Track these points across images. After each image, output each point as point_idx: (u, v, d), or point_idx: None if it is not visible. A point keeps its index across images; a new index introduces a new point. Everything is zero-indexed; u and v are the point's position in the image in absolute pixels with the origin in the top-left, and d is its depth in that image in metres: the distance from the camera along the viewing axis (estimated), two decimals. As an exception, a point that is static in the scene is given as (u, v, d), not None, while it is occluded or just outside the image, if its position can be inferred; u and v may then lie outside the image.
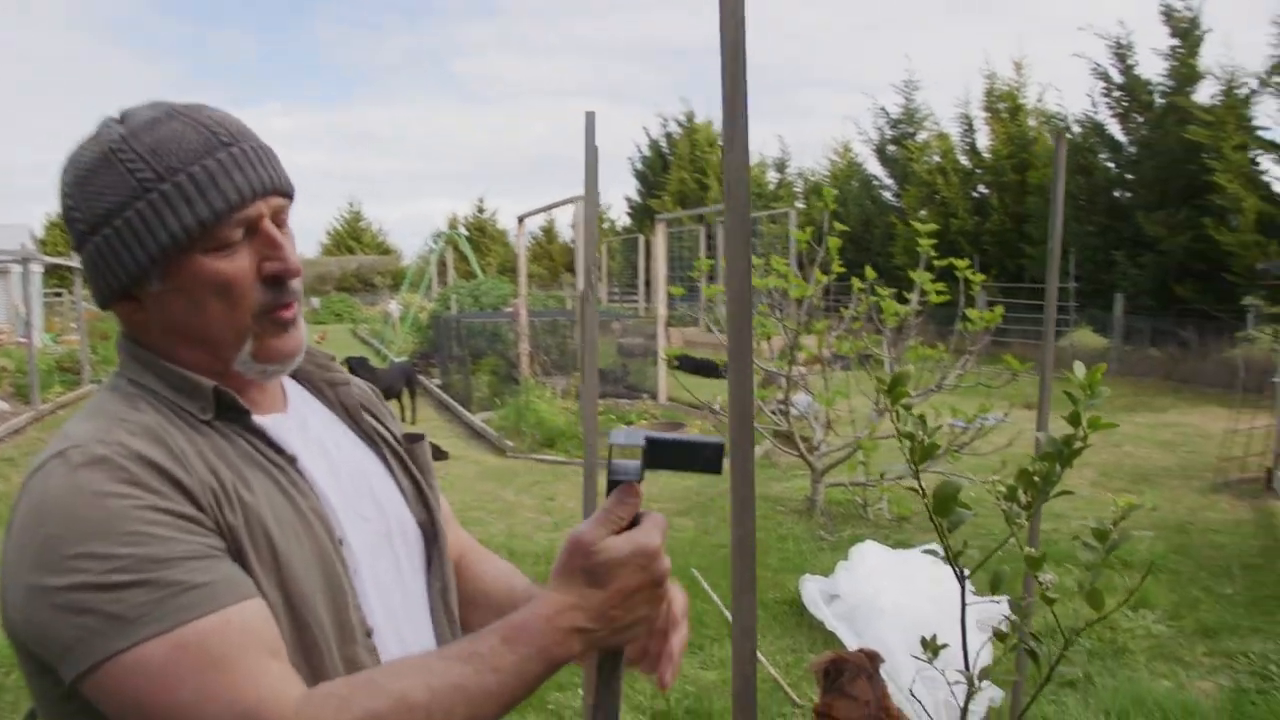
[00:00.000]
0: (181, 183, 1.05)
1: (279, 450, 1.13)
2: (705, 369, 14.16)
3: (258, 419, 1.14)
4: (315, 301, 34.58)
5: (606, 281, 30.04)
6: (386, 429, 1.34)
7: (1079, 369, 2.39)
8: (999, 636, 2.44)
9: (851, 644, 4.66)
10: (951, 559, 2.49)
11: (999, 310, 6.78)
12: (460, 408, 12.78)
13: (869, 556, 5.29)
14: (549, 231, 42.68)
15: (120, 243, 1.07)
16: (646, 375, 13.74)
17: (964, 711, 2.60)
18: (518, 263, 13.54)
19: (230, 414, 1.12)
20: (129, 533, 0.96)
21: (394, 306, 23.11)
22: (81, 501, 0.96)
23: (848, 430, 7.61)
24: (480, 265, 25.65)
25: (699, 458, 1.11)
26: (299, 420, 1.22)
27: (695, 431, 10.45)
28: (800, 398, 7.84)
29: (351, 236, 47.75)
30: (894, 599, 4.78)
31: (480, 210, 44.98)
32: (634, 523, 1.06)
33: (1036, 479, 2.43)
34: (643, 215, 33.25)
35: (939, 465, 6.51)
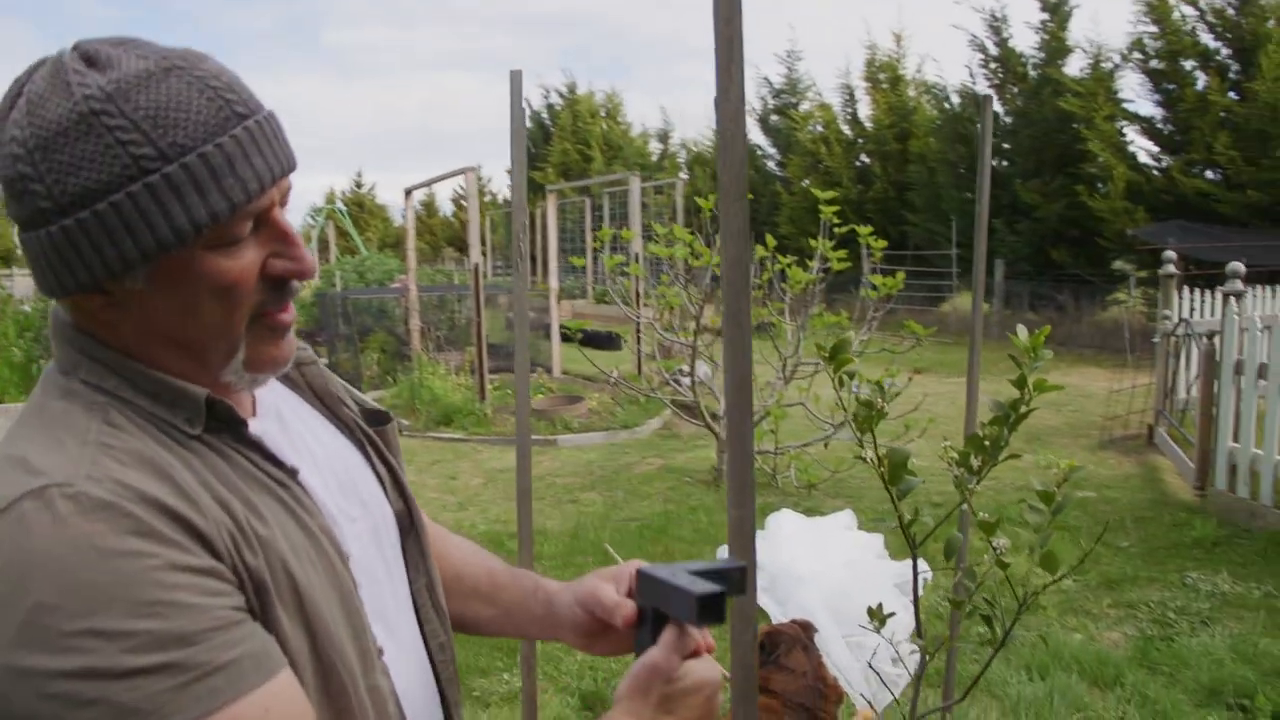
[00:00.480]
0: (192, 166, 0.86)
1: (279, 464, 0.97)
2: (605, 341, 14.07)
3: (253, 428, 0.98)
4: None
5: (490, 256, 29.61)
6: (348, 408, 1.20)
7: (1022, 333, 2.37)
8: (955, 604, 2.42)
9: (774, 614, 4.65)
10: (903, 527, 2.46)
11: (900, 276, 6.85)
12: (350, 387, 12.36)
13: (785, 525, 5.28)
14: (429, 206, 41.83)
15: (103, 231, 0.86)
16: (539, 349, 13.58)
17: (918, 677, 2.57)
18: (406, 237, 13.19)
19: (220, 426, 0.95)
20: (147, 602, 0.79)
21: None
22: (82, 561, 0.78)
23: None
24: (362, 241, 25.02)
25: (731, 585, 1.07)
26: (275, 416, 1.06)
27: (594, 404, 10.36)
28: (702, 367, 7.81)
29: (223, 214, 45.91)
30: (812, 566, 4.78)
31: (358, 185, 43.80)
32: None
33: (987, 443, 2.41)
34: (527, 188, 32.81)
35: (844, 432, 6.55)
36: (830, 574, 4.72)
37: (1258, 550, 5.55)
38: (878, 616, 2.52)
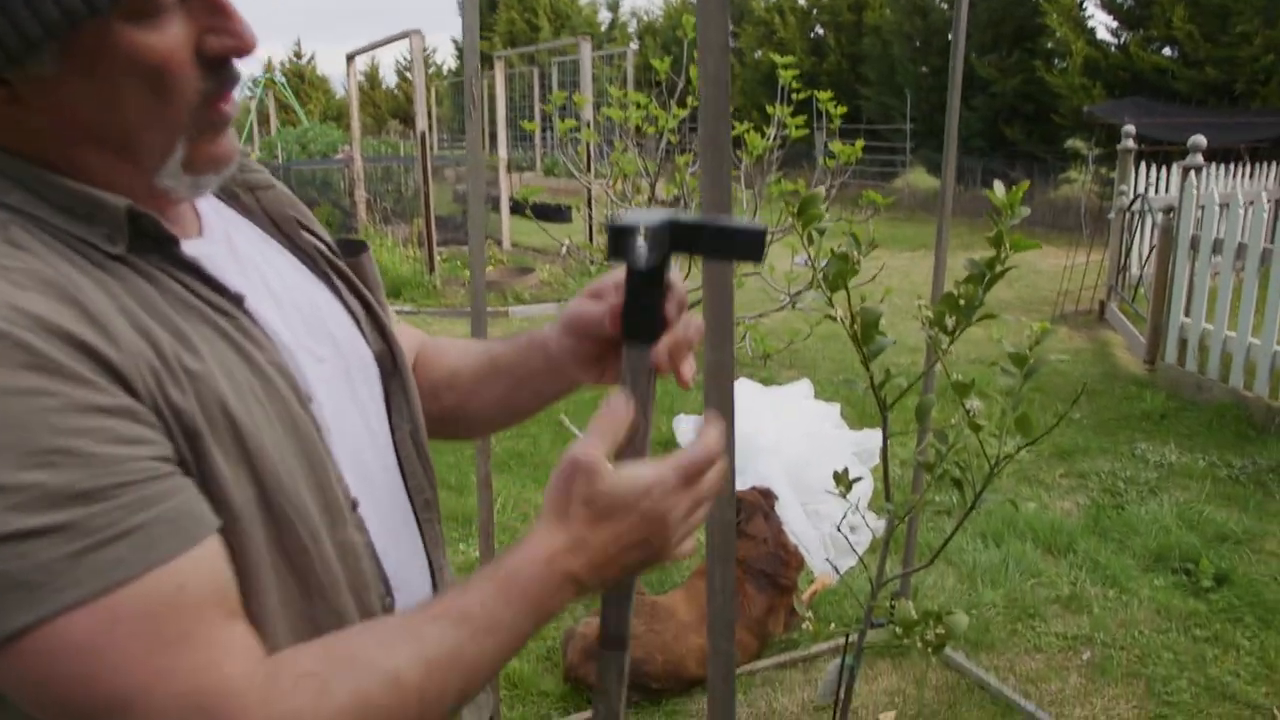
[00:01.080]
0: None
1: (221, 289, 0.83)
2: (554, 214, 13.80)
3: (187, 247, 0.83)
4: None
5: (436, 129, 28.81)
6: (320, 239, 1.04)
7: (999, 189, 2.24)
8: (927, 468, 2.34)
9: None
10: (875, 388, 2.36)
11: (860, 144, 6.66)
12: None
13: (742, 394, 5.21)
14: (373, 78, 40.46)
15: None
16: (489, 221, 13.29)
17: (886, 541, 2.51)
18: (350, 105, 12.68)
19: (148, 245, 0.79)
20: (41, 450, 0.65)
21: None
22: None
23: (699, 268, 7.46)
24: (305, 114, 24.19)
25: (736, 245, 0.87)
26: (225, 242, 0.91)
27: (545, 276, 10.17)
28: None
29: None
30: (772, 437, 4.73)
31: (298, 55, 42.16)
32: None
33: (962, 302, 2.31)
34: (478, 48, 31.83)
35: (802, 300, 6.47)
36: (789, 444, 4.67)
37: (1204, 422, 5.60)
38: (844, 481, 2.44)
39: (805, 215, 2.32)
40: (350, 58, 12.13)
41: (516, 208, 11.45)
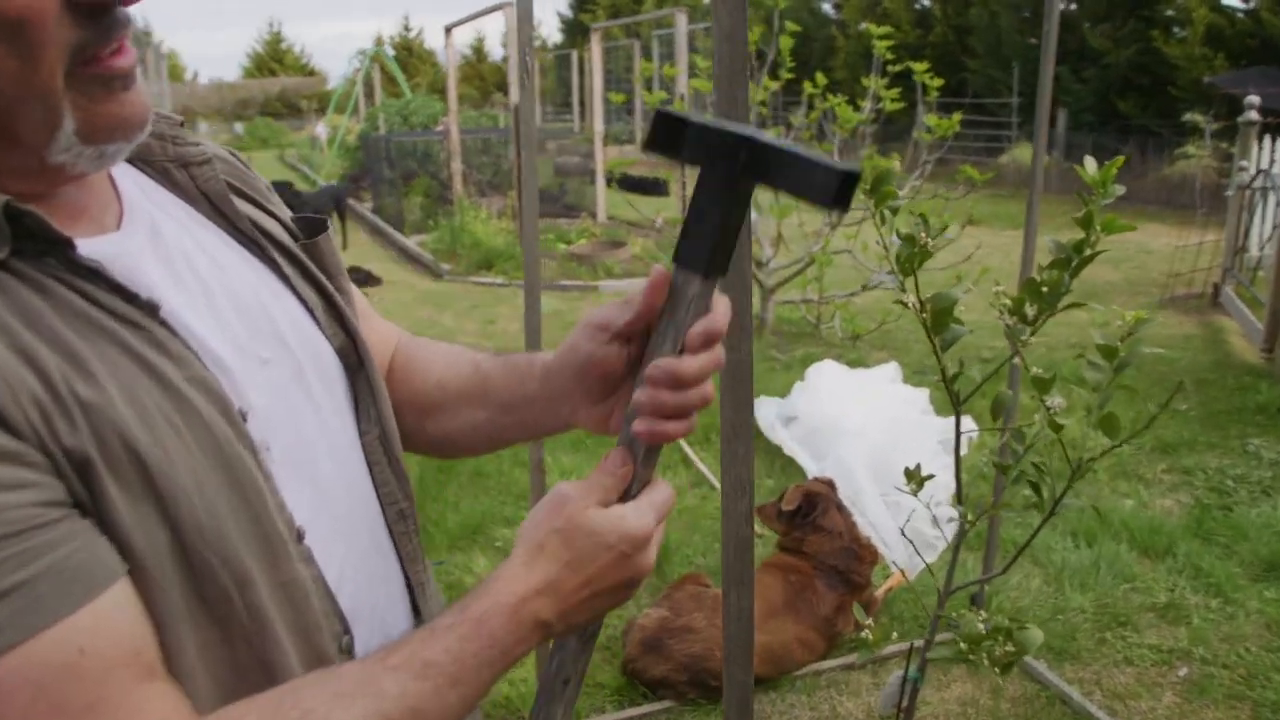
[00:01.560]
0: None
1: (130, 297, 0.71)
2: (647, 186, 13.65)
3: (86, 247, 0.70)
4: (238, 127, 33.11)
5: (539, 101, 28.84)
6: (272, 216, 0.91)
7: (1090, 164, 2.02)
8: (1001, 469, 2.15)
9: (810, 468, 4.42)
10: (947, 381, 2.17)
11: (956, 116, 6.36)
12: (393, 231, 12.20)
13: (826, 376, 5.01)
14: (479, 51, 40.81)
15: None
16: (584, 194, 13.20)
17: (955, 548, 2.32)
18: (448, 77, 12.70)
19: (37, 248, 0.67)
20: None
21: (321, 130, 22.19)
22: None
23: (796, 247, 7.24)
24: (409, 86, 24.42)
25: (811, 182, 0.69)
26: (146, 227, 0.78)
27: (638, 250, 10.03)
28: (751, 212, 7.43)
29: (273, 59, 45.60)
30: (855, 420, 4.52)
31: (406, 29, 42.86)
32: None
33: (1045, 289, 2.09)
34: (575, 31, 31.80)
35: (891, 280, 6.21)
36: (873, 429, 4.46)
37: (1326, 416, 5.20)
38: (915, 478, 2.26)
39: (878, 194, 2.13)
40: (448, 30, 12.13)
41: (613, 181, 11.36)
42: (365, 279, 9.33)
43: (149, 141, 0.81)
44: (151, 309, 0.71)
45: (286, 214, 0.94)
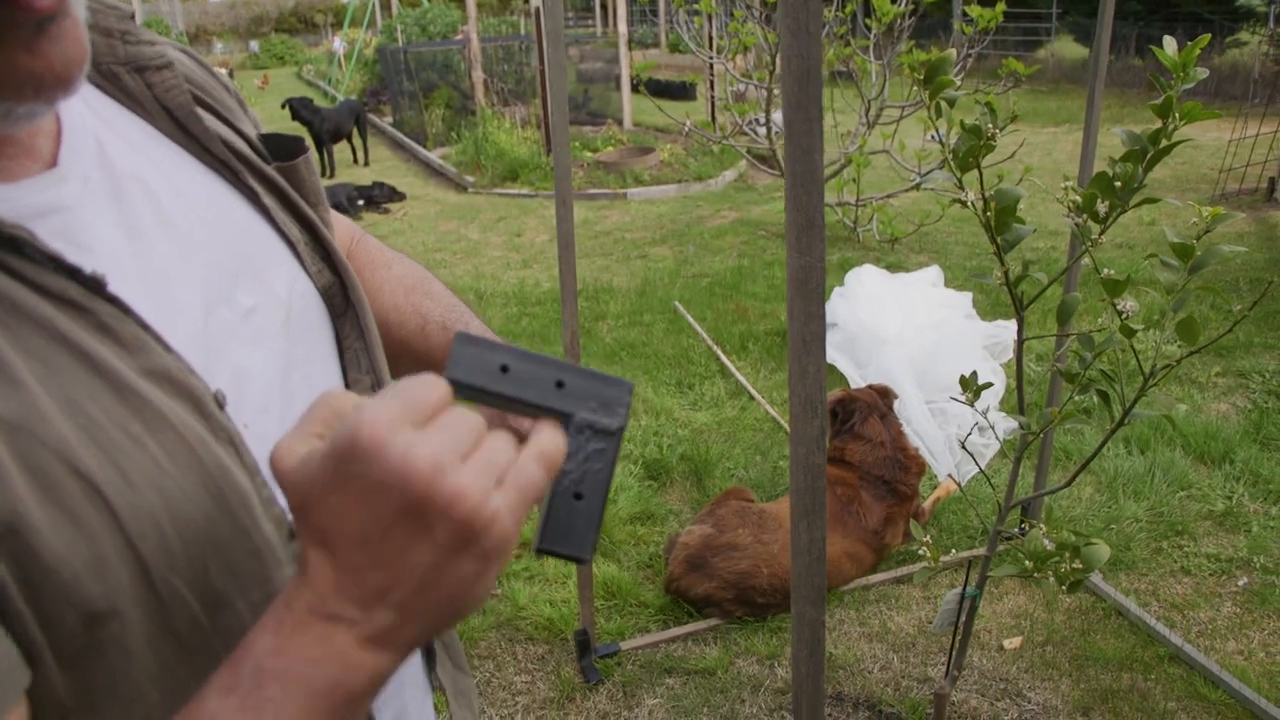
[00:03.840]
0: None
1: (68, 270, 0.55)
2: (678, 91, 13.35)
3: (6, 200, 0.57)
4: (254, 45, 32.67)
5: (563, 2, 28.23)
6: (239, 134, 0.77)
7: (1169, 44, 1.86)
8: (1067, 377, 2.05)
9: (852, 376, 4.32)
10: (1010, 285, 2.06)
11: (1000, 6, 6.09)
12: (415, 145, 12.02)
13: (866, 282, 4.88)
14: (497, -47, 39.79)
15: None
16: (609, 101, 12.93)
17: (1017, 460, 2.23)
18: (466, -18, 12.38)
19: None
20: None
21: (338, 44, 21.80)
22: None
23: (831, 148, 7.04)
24: (426, -8, 23.93)
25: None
26: (91, 156, 0.63)
27: (666, 156, 9.83)
28: (778, 115, 7.22)
29: (287, -32, 44.67)
30: (896, 326, 4.41)
31: (422, -68, 41.76)
32: None
33: (1118, 184, 1.97)
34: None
35: (932, 180, 6.03)
36: (915, 335, 4.35)
37: (1389, 312, 5.03)
38: (971, 386, 2.17)
39: (933, 84, 2.00)
40: (465, -68, 11.77)
41: (639, 86, 11.08)
42: (390, 194, 9.21)
43: (94, 39, 0.66)
44: (95, 284, 0.56)
45: (254, 131, 0.81)
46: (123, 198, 0.63)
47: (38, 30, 0.53)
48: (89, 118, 0.66)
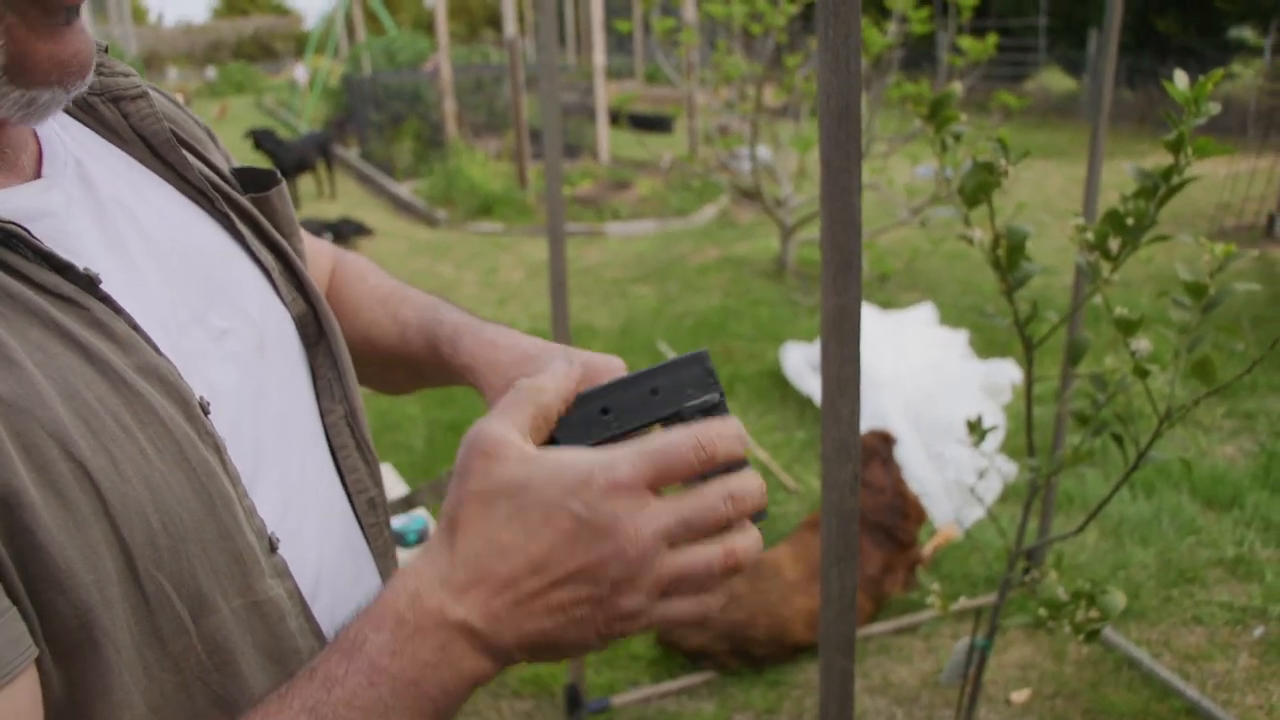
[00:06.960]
0: None
1: (61, 266, 0.60)
2: (656, 124, 13.46)
3: (7, 200, 0.61)
4: (210, 72, 32.77)
5: (532, 35, 28.48)
6: (213, 168, 0.82)
7: (1180, 79, 1.91)
8: (1080, 420, 2.09)
9: (844, 419, 4.34)
10: (1020, 324, 2.11)
11: (992, 38, 6.21)
12: (384, 177, 12.05)
13: (857, 322, 4.90)
14: (466, -19, 40.17)
15: None
16: (584, 133, 13.02)
17: (1026, 506, 2.25)
18: (436, 11, 12.48)
19: None
20: None
21: (300, 72, 21.91)
22: None
23: (818, 183, 7.12)
24: (394, 23, 24.11)
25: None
26: (72, 173, 0.67)
27: (645, 191, 9.90)
28: (762, 150, 7.30)
29: (245, -5, 45.00)
30: (891, 368, 4.44)
31: (388, -41, 42.15)
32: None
33: (1129, 221, 2.02)
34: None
35: (926, 218, 6.11)
36: (911, 376, 4.38)
37: (1394, 351, 5.10)
38: (977, 430, 2.20)
39: (938, 117, 2.05)
40: (436, -41, 11.90)
41: (617, 119, 11.18)
42: (357, 230, 9.21)
43: None
44: (90, 282, 0.60)
45: (226, 164, 0.85)
46: (104, 215, 0.67)
47: (66, 22, 0.60)
48: (68, 142, 0.70)
